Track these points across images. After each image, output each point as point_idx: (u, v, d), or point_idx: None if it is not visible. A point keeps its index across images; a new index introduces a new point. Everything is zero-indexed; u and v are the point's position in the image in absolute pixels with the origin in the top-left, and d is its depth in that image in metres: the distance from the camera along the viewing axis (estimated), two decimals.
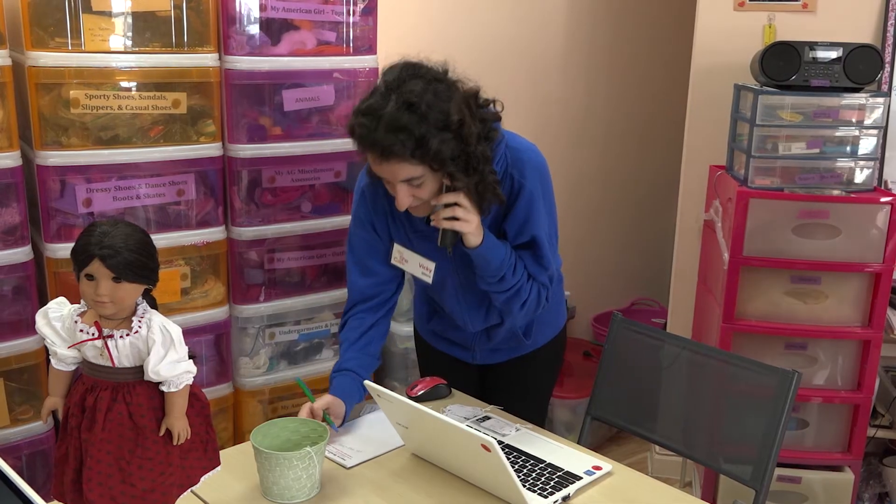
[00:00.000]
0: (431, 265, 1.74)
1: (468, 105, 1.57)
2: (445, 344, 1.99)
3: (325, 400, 1.71)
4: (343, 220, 2.44)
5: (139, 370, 1.28)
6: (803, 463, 2.57)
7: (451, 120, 1.53)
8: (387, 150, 1.51)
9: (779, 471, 2.52)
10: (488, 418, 1.76)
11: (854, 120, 2.43)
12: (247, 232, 2.28)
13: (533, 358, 1.96)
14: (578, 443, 1.81)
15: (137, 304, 1.30)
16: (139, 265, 1.26)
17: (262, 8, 2.17)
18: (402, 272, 1.85)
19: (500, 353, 1.95)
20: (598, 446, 3.14)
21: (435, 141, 1.51)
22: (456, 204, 1.58)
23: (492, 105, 1.64)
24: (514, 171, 1.67)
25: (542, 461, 1.59)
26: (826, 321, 2.46)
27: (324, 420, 1.66)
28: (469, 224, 1.59)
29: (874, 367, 2.45)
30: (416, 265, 1.76)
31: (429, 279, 1.75)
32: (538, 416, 1.95)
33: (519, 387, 1.95)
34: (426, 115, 1.50)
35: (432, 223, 1.64)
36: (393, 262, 1.80)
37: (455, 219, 1.59)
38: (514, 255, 1.68)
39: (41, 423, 2.07)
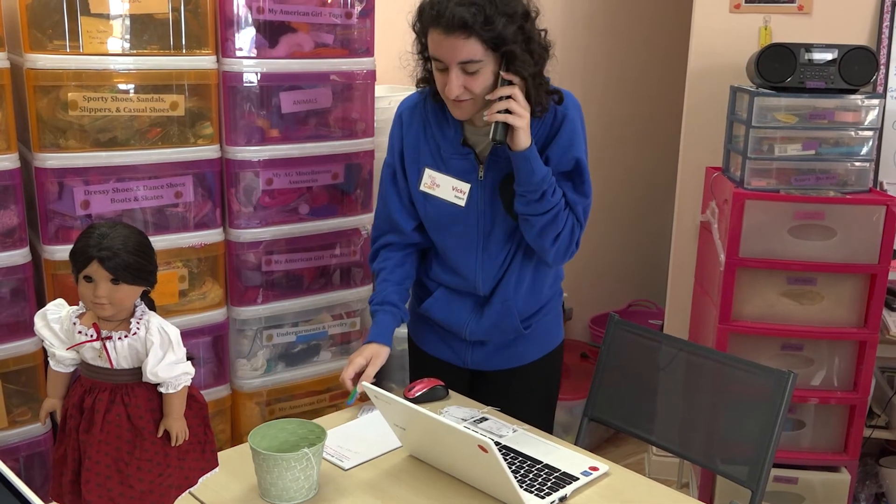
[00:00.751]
0: (465, 186, 1.77)
1: (530, 16, 1.67)
2: (436, 339, 1.97)
3: (369, 351, 1.79)
4: (341, 222, 2.45)
5: (137, 371, 1.28)
6: (800, 463, 2.57)
7: (518, 12, 1.62)
8: (455, 20, 1.57)
9: (776, 471, 2.53)
10: (486, 419, 1.77)
11: (849, 121, 2.44)
12: (245, 234, 2.29)
13: (524, 373, 1.94)
14: (576, 444, 1.82)
15: (136, 306, 1.30)
16: (137, 267, 1.26)
17: (260, 10, 2.17)
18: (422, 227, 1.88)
19: (492, 359, 1.93)
20: (595, 447, 3.14)
21: (501, 21, 1.59)
22: (510, 98, 1.63)
23: (544, 34, 1.72)
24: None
25: (539, 462, 1.60)
26: (822, 322, 2.47)
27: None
28: (522, 119, 1.64)
29: (870, 367, 2.46)
30: (449, 188, 1.79)
31: (462, 202, 1.78)
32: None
33: (507, 401, 1.90)
34: (497, 0, 1.59)
35: (486, 117, 1.67)
36: (422, 188, 1.81)
37: (509, 113, 1.63)
38: (554, 179, 1.71)
39: (39, 425, 2.07)
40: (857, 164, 2.44)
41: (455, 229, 1.83)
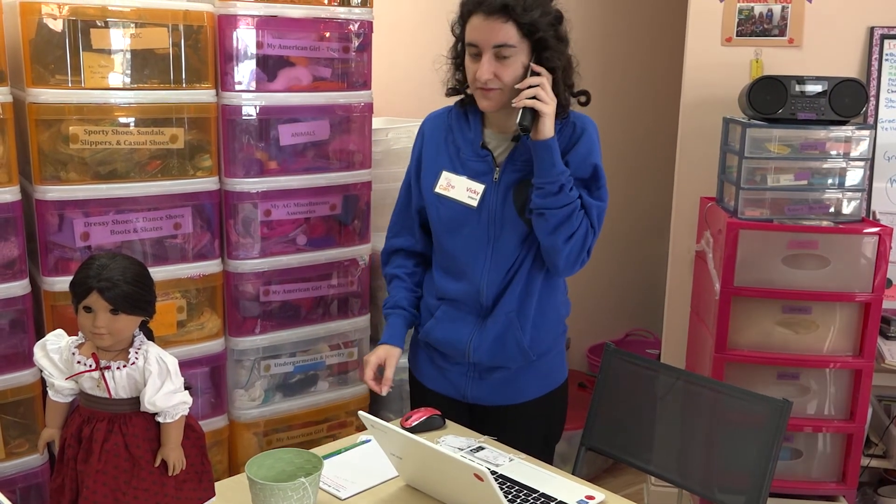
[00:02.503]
0: (480, 187, 1.84)
1: (563, 19, 1.79)
2: (435, 372, 1.97)
3: (383, 352, 1.90)
4: (338, 253, 2.46)
5: (135, 401, 1.29)
6: (798, 493, 2.57)
7: (552, 11, 1.76)
8: (497, 2, 1.69)
9: (773, 501, 2.52)
10: (482, 448, 1.77)
11: (841, 152, 2.47)
12: (243, 265, 2.30)
13: (524, 410, 1.94)
14: (573, 473, 1.82)
15: (134, 336, 1.32)
16: (136, 297, 1.28)
17: (259, 45, 2.21)
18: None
19: (492, 393, 1.92)
20: (593, 477, 3.13)
21: (538, 11, 1.72)
22: (538, 87, 1.72)
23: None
24: (577, 120, 1.85)
25: (536, 491, 1.60)
26: (817, 350, 2.48)
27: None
28: (548, 106, 1.72)
29: (866, 396, 2.47)
30: (464, 189, 1.86)
31: (474, 202, 1.84)
32: None
33: (504, 438, 1.87)
34: None
35: (514, 104, 1.74)
36: (438, 190, 1.88)
37: (537, 100, 1.71)
38: (572, 179, 1.78)
39: (36, 457, 2.07)
40: (849, 193, 2.47)
41: (465, 231, 1.87)
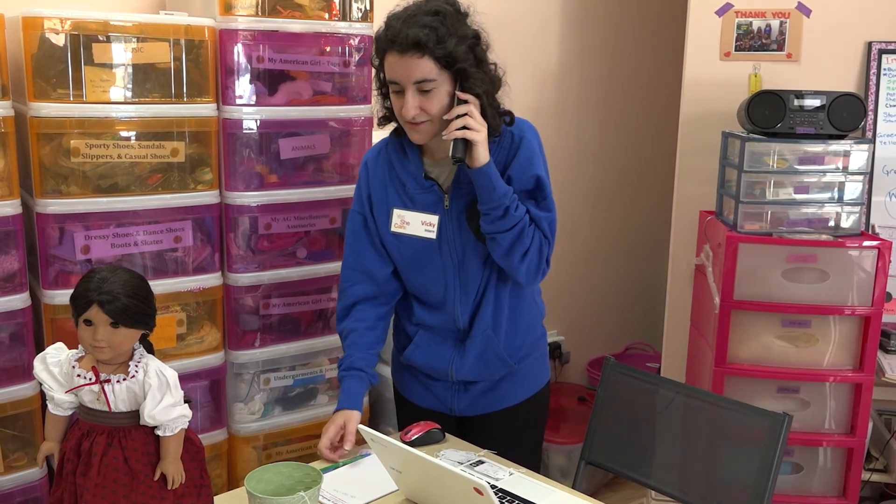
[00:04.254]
0: (434, 219, 1.82)
1: (481, 42, 1.74)
2: (420, 388, 1.96)
3: (341, 419, 1.81)
4: (338, 266, 2.45)
5: (135, 415, 1.29)
6: None
7: (468, 34, 1.71)
8: (409, 39, 1.65)
9: None
10: (482, 462, 1.77)
11: (839, 166, 2.48)
12: (243, 278, 2.30)
13: (510, 414, 1.94)
14: (573, 488, 1.81)
15: (134, 350, 1.32)
16: (137, 311, 1.28)
17: (260, 59, 2.22)
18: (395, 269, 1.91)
19: (477, 402, 1.93)
20: (594, 492, 3.12)
21: (452, 41, 1.67)
22: (467, 115, 1.69)
23: (495, 67, 1.79)
24: (514, 130, 1.81)
25: None
26: (817, 364, 2.48)
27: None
28: (479, 134, 1.69)
29: (866, 410, 2.47)
30: (419, 224, 1.83)
31: (433, 234, 1.82)
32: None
33: (495, 444, 1.87)
34: (448, 23, 1.67)
35: (444, 136, 1.71)
36: (393, 229, 1.85)
37: (466, 130, 1.68)
38: (515, 196, 1.75)
39: (35, 470, 2.06)
40: (848, 207, 2.48)
41: (429, 264, 1.86)
